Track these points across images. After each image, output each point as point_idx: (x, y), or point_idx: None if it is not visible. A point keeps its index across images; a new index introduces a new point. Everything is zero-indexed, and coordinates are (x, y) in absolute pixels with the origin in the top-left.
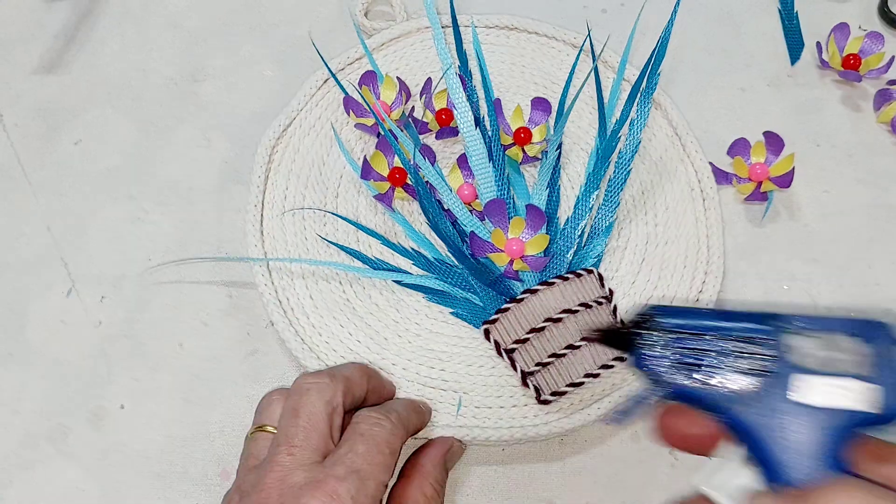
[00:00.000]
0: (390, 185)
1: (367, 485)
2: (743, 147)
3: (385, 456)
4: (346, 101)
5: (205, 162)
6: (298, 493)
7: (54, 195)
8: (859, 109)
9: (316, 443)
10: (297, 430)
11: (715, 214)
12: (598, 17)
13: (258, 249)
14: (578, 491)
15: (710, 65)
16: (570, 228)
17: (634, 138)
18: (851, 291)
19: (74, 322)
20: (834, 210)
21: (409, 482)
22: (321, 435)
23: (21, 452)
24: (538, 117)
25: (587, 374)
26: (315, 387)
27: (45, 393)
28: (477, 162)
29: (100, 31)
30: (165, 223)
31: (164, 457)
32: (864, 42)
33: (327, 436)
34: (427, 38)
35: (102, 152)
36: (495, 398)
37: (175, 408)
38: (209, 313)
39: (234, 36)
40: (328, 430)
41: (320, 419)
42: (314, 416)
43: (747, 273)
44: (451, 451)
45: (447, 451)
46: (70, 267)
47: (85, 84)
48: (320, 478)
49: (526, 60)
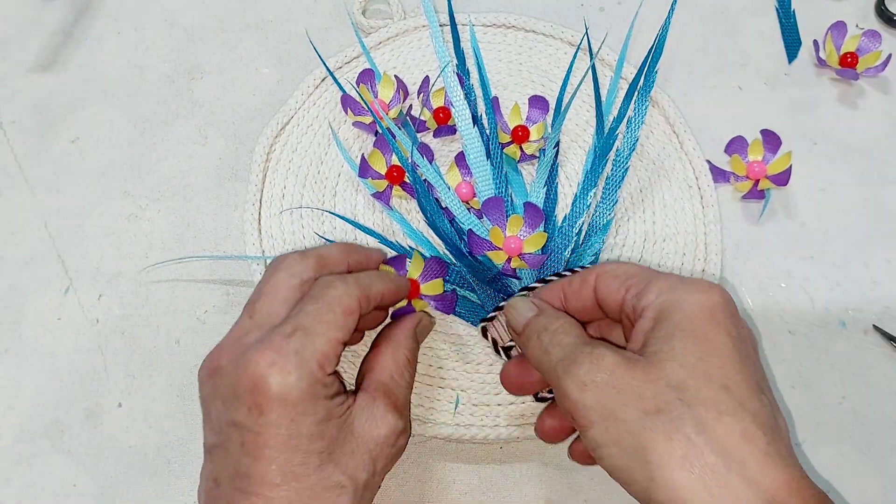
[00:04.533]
0: (388, 184)
1: (314, 340)
2: (740, 145)
3: (336, 315)
4: (344, 100)
5: (201, 159)
6: (246, 351)
7: (51, 192)
8: (856, 108)
9: (276, 308)
10: (259, 297)
11: (712, 212)
12: (596, 15)
13: (256, 247)
14: (576, 489)
15: (708, 63)
16: (567, 226)
17: (632, 136)
18: (848, 289)
19: (71, 319)
20: (830, 208)
21: (381, 351)
22: (281, 301)
23: (17, 449)
24: (536, 115)
25: None
26: (284, 261)
27: (41, 389)
28: (475, 160)
29: (96, 28)
30: (162, 220)
31: (161, 454)
32: (861, 40)
33: (289, 304)
34: (424, 36)
35: (99, 149)
36: (493, 396)
37: (172, 405)
38: (206, 310)
39: (230, 33)
40: (293, 297)
41: (282, 287)
42: (276, 284)
43: (744, 270)
44: (421, 324)
45: (417, 323)
46: (67, 264)
47: (82, 81)
48: (269, 336)
49: (523, 58)
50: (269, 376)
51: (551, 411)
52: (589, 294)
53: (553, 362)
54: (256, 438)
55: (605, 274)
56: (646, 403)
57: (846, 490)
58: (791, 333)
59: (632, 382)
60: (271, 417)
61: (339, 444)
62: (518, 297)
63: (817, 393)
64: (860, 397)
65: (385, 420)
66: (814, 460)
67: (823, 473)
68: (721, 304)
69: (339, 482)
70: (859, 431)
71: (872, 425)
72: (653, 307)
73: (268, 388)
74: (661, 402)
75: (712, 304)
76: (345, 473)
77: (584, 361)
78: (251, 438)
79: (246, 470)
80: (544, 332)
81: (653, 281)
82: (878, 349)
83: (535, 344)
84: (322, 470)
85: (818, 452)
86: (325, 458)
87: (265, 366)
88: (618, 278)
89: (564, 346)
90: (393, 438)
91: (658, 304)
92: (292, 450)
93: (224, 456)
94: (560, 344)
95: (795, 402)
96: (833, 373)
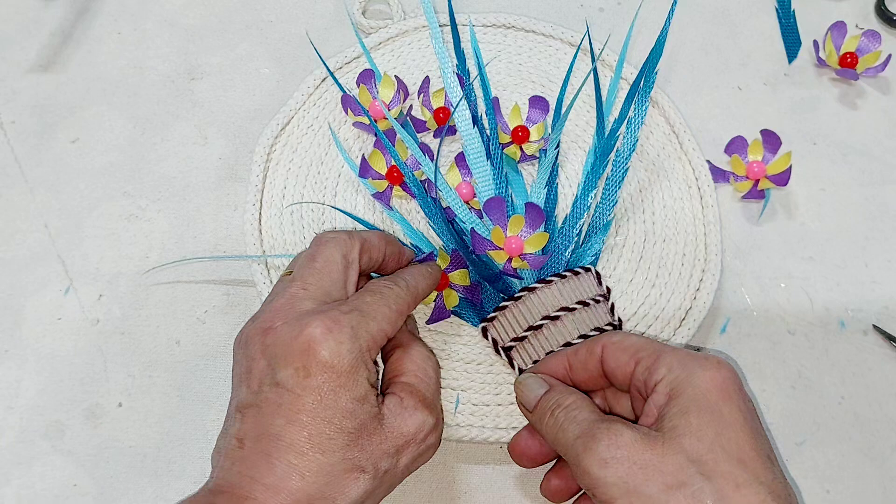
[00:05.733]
0: (388, 184)
1: (370, 323)
2: (740, 145)
3: (390, 310)
4: (345, 100)
5: (201, 159)
6: (302, 316)
7: (51, 192)
8: (856, 108)
9: (328, 286)
10: (312, 272)
11: (712, 212)
12: (596, 15)
13: (256, 247)
14: None
15: (707, 63)
16: (568, 227)
17: (632, 137)
18: (847, 289)
19: (71, 319)
20: (830, 208)
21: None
22: (334, 281)
23: (18, 449)
24: (536, 116)
25: None
26: (334, 240)
27: (41, 390)
28: (475, 160)
29: (96, 28)
30: (162, 220)
31: (161, 454)
32: (861, 40)
33: (340, 285)
34: (425, 36)
35: (99, 150)
36: (493, 396)
37: (171, 405)
38: (206, 311)
39: (230, 34)
40: (342, 279)
41: (335, 267)
42: (329, 263)
43: (744, 271)
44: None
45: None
46: (67, 264)
47: (82, 81)
48: (327, 308)
49: (523, 59)
50: (323, 341)
51: (558, 472)
52: (595, 365)
53: (570, 439)
54: (296, 401)
55: (613, 346)
56: (667, 478)
57: (846, 490)
58: (791, 333)
59: (652, 458)
60: (316, 381)
61: (368, 431)
62: (526, 374)
63: (817, 393)
64: (860, 397)
65: (414, 417)
66: (814, 460)
67: (823, 473)
68: (731, 379)
69: (361, 466)
70: (859, 432)
71: (872, 426)
72: (665, 382)
73: (319, 353)
74: (683, 476)
75: (723, 379)
76: (368, 459)
77: (603, 438)
78: (290, 400)
79: (277, 431)
80: (558, 409)
81: (662, 356)
82: (878, 349)
83: (549, 421)
84: (347, 450)
85: (818, 452)
86: (353, 439)
87: (321, 331)
88: (626, 351)
89: (580, 422)
90: (423, 434)
91: (671, 381)
92: (326, 421)
93: (256, 415)
94: (576, 420)
95: (795, 402)
96: (833, 373)
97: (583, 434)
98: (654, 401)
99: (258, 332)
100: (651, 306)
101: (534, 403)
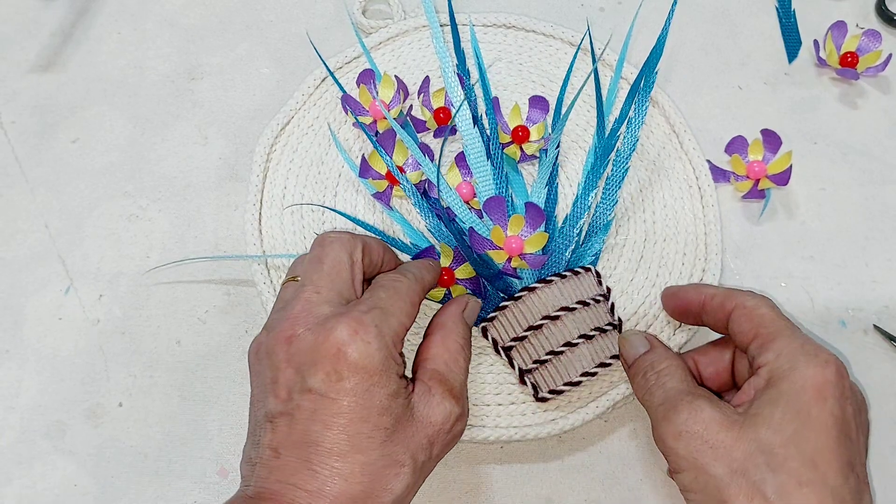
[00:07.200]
0: (388, 184)
1: (390, 319)
2: (740, 145)
3: (405, 303)
4: (345, 100)
5: (201, 159)
6: (324, 321)
7: (51, 192)
8: (856, 107)
9: (340, 288)
10: (322, 275)
11: (712, 212)
12: (596, 15)
13: (256, 247)
14: (577, 489)
15: (708, 63)
16: (568, 226)
17: (632, 136)
18: (848, 289)
19: (72, 319)
20: (831, 208)
21: (433, 340)
22: (344, 282)
23: (18, 449)
24: (536, 115)
25: (584, 373)
26: (338, 240)
27: (42, 390)
28: (475, 160)
29: (97, 28)
30: (163, 220)
31: (162, 454)
32: (862, 40)
33: (350, 284)
34: (425, 36)
35: (99, 150)
36: (493, 396)
37: (172, 405)
38: (207, 311)
39: (230, 33)
40: (350, 279)
41: (343, 268)
42: (338, 264)
43: (744, 270)
44: (468, 307)
45: (465, 307)
46: (67, 264)
47: (82, 81)
48: (344, 311)
49: (524, 59)
50: (351, 343)
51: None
52: (723, 317)
53: (655, 404)
54: (331, 405)
55: (742, 310)
56: (734, 462)
57: None
58: None
59: (725, 440)
60: (349, 384)
61: (402, 424)
62: (633, 331)
63: None
64: None
65: (441, 406)
66: None
67: None
68: (833, 382)
69: (400, 460)
70: None
71: (872, 425)
72: (768, 368)
73: (349, 355)
74: (749, 463)
75: (824, 380)
76: (406, 453)
77: (683, 411)
78: (325, 405)
79: (315, 438)
80: (651, 371)
81: (777, 339)
82: (878, 349)
83: (640, 381)
84: (385, 446)
85: None
86: (390, 435)
87: (348, 334)
88: (751, 321)
89: (668, 389)
90: (449, 424)
91: (773, 368)
92: (363, 421)
93: (290, 423)
94: (664, 387)
95: None
96: None
97: (666, 402)
98: (753, 382)
99: (281, 341)
100: (651, 306)
101: (632, 361)
